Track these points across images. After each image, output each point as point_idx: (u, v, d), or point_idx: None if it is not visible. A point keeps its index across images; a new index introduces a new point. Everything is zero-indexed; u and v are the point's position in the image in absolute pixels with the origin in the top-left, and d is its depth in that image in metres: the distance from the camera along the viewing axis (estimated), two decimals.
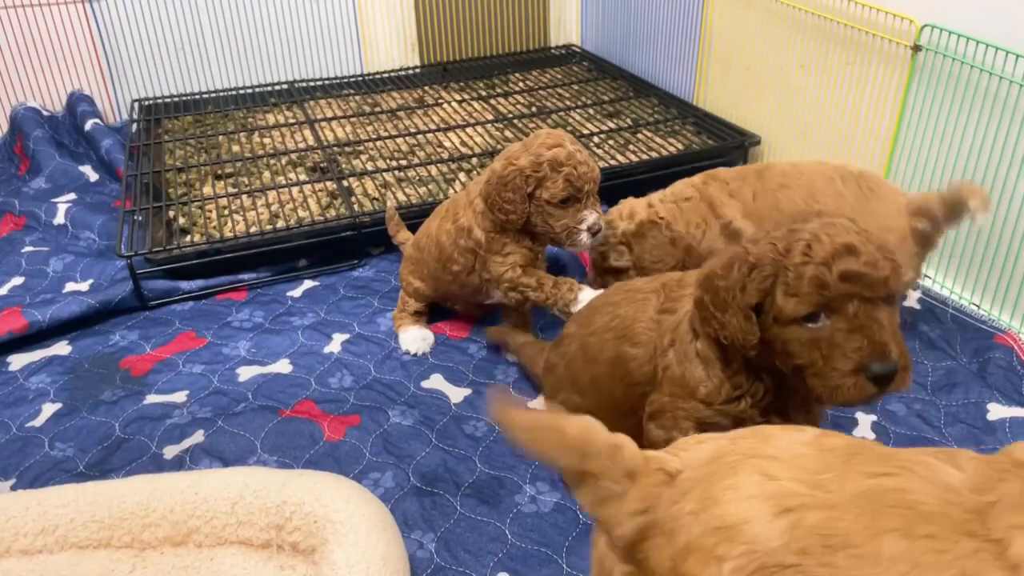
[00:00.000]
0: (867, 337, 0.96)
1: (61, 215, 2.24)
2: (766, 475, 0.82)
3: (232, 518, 1.23)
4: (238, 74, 2.93)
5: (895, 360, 0.96)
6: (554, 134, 1.57)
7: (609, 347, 1.27)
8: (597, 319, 1.31)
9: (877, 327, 0.96)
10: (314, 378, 1.65)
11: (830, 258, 0.97)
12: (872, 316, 0.97)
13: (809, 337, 0.99)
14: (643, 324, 1.22)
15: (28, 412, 1.58)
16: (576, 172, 1.52)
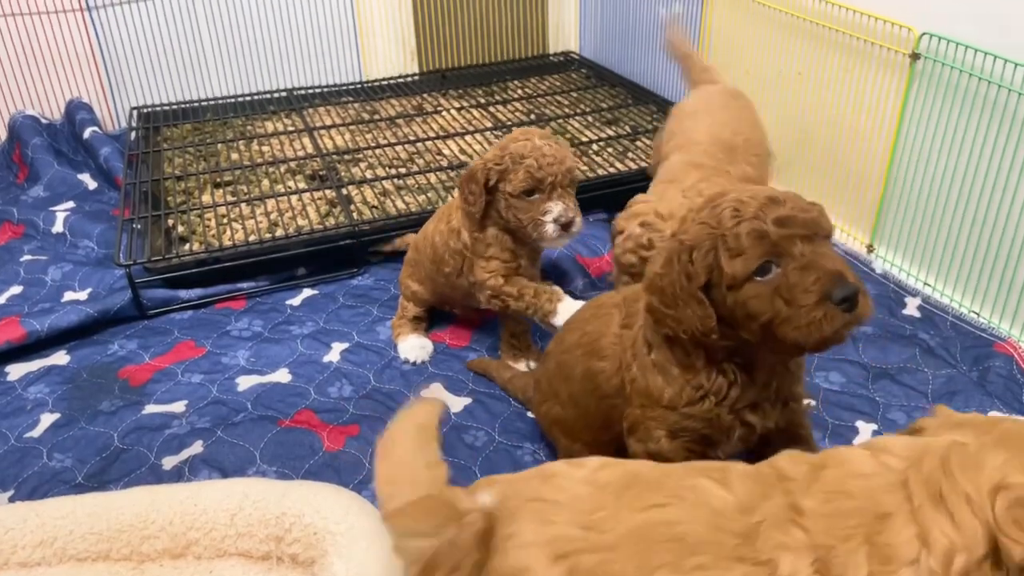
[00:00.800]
0: (820, 269, 0.99)
1: (60, 223, 2.23)
2: (543, 520, 0.84)
3: (231, 530, 1.22)
4: (237, 82, 2.93)
5: (854, 282, 0.99)
6: (527, 130, 1.58)
7: (580, 363, 1.29)
8: (568, 337, 1.34)
9: (827, 259, 1.00)
10: (313, 387, 1.65)
11: (760, 211, 1.00)
12: (818, 252, 1.00)
13: (766, 290, 1.01)
14: (608, 339, 1.24)
15: (26, 422, 1.57)
16: (537, 163, 1.50)
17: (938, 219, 1.82)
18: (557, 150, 1.53)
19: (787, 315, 1.00)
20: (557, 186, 1.52)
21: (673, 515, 0.83)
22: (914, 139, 1.83)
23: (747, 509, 0.82)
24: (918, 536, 0.76)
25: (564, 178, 1.53)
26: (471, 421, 1.55)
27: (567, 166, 1.53)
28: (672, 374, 1.14)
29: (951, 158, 1.76)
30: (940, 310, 1.79)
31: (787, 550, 0.77)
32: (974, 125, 1.69)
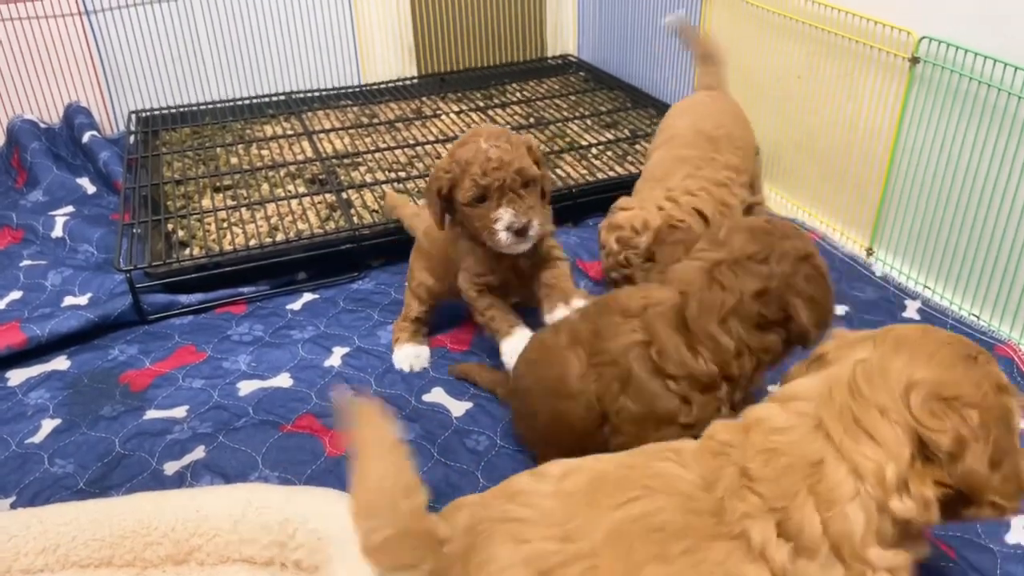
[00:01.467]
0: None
1: (59, 228, 2.23)
2: (517, 540, 0.84)
3: (234, 536, 1.22)
4: (235, 85, 2.93)
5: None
6: (476, 131, 1.48)
7: (544, 405, 1.32)
8: (524, 381, 1.39)
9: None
10: (315, 392, 1.65)
11: None
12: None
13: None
14: (573, 380, 1.27)
15: (27, 428, 1.57)
16: (482, 170, 1.41)
17: (938, 222, 1.83)
18: (504, 152, 1.42)
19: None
20: (507, 191, 1.43)
21: (647, 507, 0.84)
22: (914, 142, 1.84)
23: (709, 485, 0.86)
24: (850, 472, 0.82)
25: (513, 181, 1.43)
26: (473, 425, 1.54)
27: (515, 167, 1.42)
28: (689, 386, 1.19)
29: (951, 161, 1.76)
30: (940, 313, 1.79)
31: (752, 519, 0.82)
32: (974, 128, 1.69)
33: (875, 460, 0.82)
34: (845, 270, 1.98)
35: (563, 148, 2.46)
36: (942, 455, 0.82)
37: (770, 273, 1.18)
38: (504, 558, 0.83)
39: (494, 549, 0.84)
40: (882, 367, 0.86)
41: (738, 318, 1.18)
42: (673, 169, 1.78)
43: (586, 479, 0.89)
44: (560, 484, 0.89)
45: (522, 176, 1.44)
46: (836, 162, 2.07)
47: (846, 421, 0.84)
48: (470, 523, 0.88)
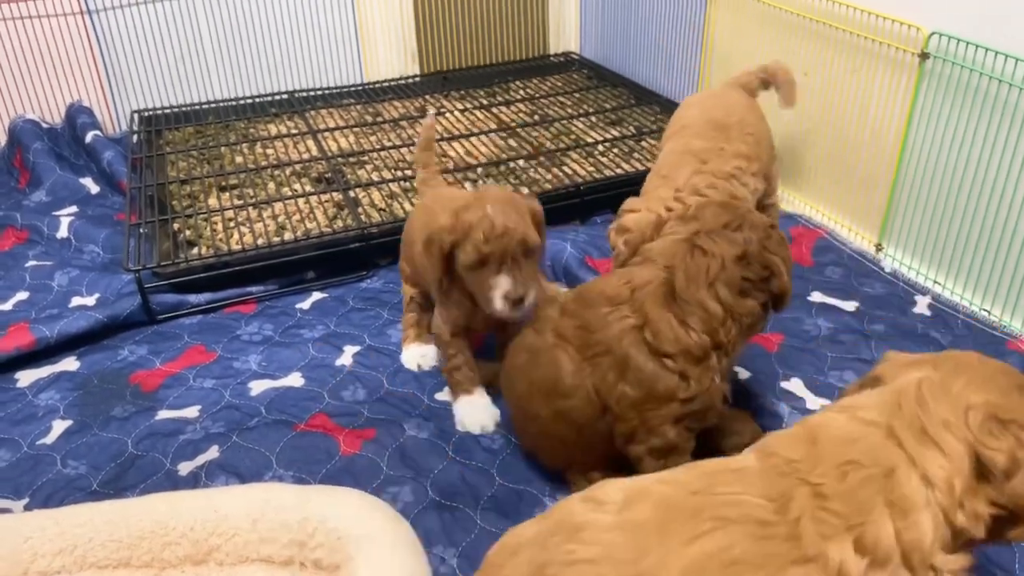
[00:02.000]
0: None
1: (64, 228, 2.22)
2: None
3: (253, 535, 1.22)
4: (238, 84, 2.92)
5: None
6: (483, 194, 1.45)
7: (542, 406, 1.33)
8: (517, 386, 1.38)
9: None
10: (327, 391, 1.64)
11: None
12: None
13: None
14: (568, 378, 1.28)
15: (38, 429, 1.56)
16: (485, 236, 1.38)
17: (948, 218, 1.83)
18: (509, 218, 1.39)
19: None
20: (508, 258, 1.40)
21: (723, 540, 0.82)
22: (923, 138, 1.84)
23: (782, 508, 0.84)
24: (922, 480, 0.84)
25: (516, 249, 1.40)
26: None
27: (518, 238, 1.39)
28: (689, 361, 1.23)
29: (961, 157, 1.76)
30: (951, 309, 1.79)
31: (830, 540, 0.81)
32: (984, 124, 1.69)
33: (944, 469, 0.84)
34: (854, 266, 1.98)
35: (569, 145, 2.45)
36: (997, 473, 0.84)
37: (746, 238, 1.24)
38: None
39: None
40: (944, 385, 0.89)
41: (723, 283, 1.23)
42: (680, 164, 1.76)
43: (651, 508, 0.85)
44: (623, 514, 0.85)
45: (524, 246, 1.41)
46: (845, 158, 2.07)
47: (916, 430, 0.86)
48: (532, 568, 0.85)
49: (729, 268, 1.23)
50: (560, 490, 1.38)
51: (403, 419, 1.56)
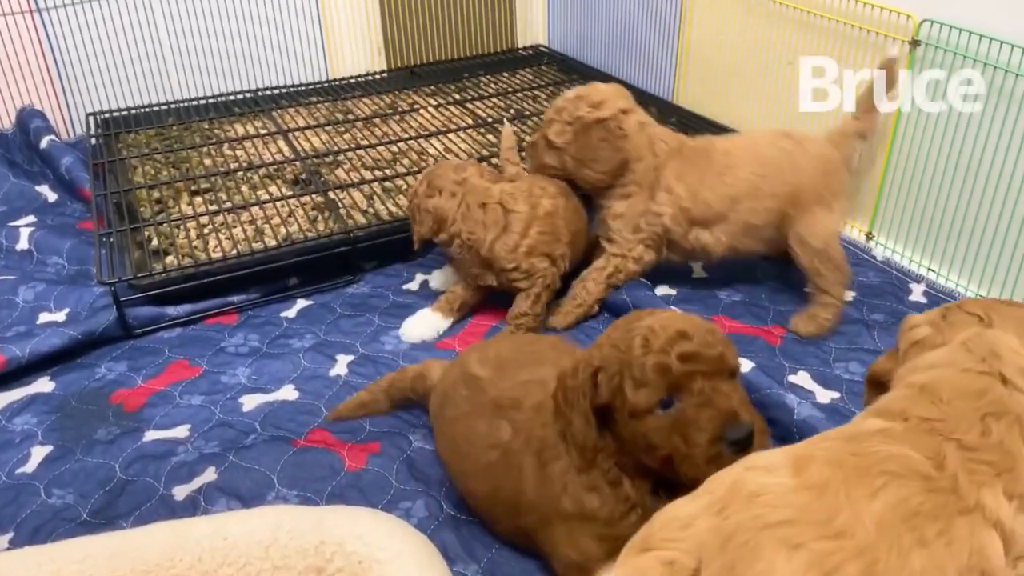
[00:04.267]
0: (716, 407, 1.01)
1: (24, 240, 2.10)
2: (789, 545, 0.79)
3: (267, 563, 1.14)
4: (199, 83, 2.80)
5: (748, 422, 1.02)
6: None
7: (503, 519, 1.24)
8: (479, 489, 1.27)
9: (723, 397, 1.02)
10: (323, 403, 1.57)
11: (667, 345, 1.02)
12: (717, 389, 1.02)
13: (666, 423, 1.03)
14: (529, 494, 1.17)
15: (16, 457, 1.46)
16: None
17: (941, 205, 1.83)
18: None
19: (684, 452, 1.02)
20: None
21: (900, 492, 0.84)
22: (915, 126, 1.84)
23: (939, 464, 0.87)
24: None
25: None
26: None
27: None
28: (604, 492, 1.11)
29: (954, 143, 1.76)
30: (947, 295, 1.80)
31: (984, 487, 0.85)
32: (978, 110, 1.69)
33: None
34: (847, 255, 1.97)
35: None
36: None
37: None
38: (785, 567, 0.77)
39: (769, 559, 0.78)
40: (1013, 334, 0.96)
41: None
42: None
43: (823, 468, 0.86)
44: (800, 477, 0.85)
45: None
46: None
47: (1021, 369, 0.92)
48: (718, 538, 0.81)
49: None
50: None
51: (407, 430, 1.50)
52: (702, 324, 1.06)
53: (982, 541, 0.84)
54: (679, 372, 1.02)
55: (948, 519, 0.83)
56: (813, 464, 0.86)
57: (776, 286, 1.88)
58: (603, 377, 1.07)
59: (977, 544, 0.83)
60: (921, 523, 0.82)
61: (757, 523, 0.80)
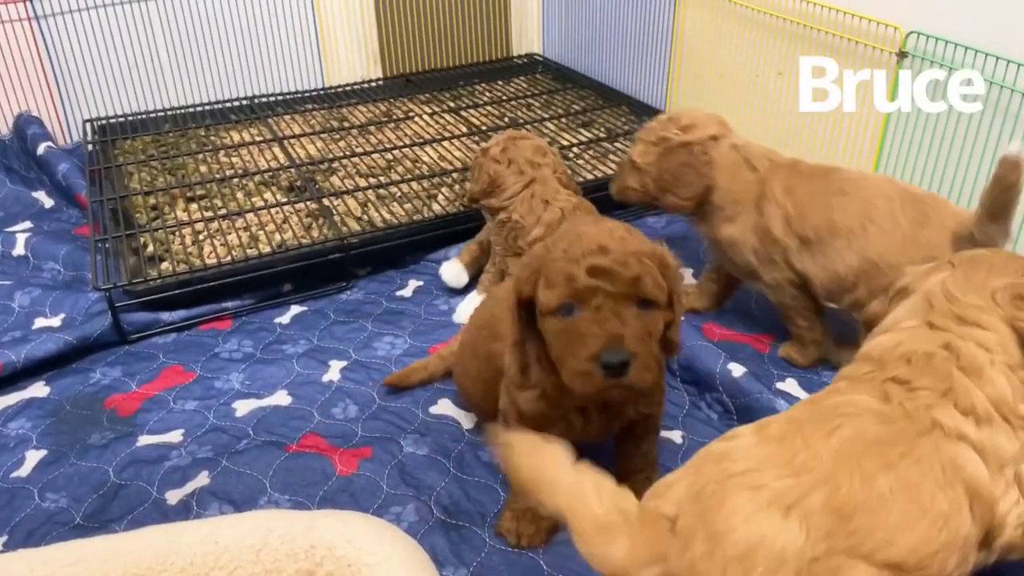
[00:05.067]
0: (603, 328, 1.03)
1: (20, 246, 2.12)
2: (751, 488, 0.85)
3: (258, 567, 1.16)
4: (195, 90, 2.82)
5: (626, 352, 1.03)
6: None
7: (483, 345, 1.35)
8: (477, 319, 1.42)
9: (615, 321, 1.04)
10: (316, 409, 1.59)
11: (582, 256, 1.05)
12: (615, 311, 1.04)
13: (562, 328, 1.07)
14: (506, 323, 1.26)
15: (11, 461, 1.48)
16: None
17: None
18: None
19: (564, 360, 1.07)
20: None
21: (854, 427, 0.92)
22: (902, 137, 1.86)
23: (885, 399, 0.97)
24: (977, 345, 0.99)
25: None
26: (485, 438, 1.51)
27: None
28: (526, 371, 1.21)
29: (942, 154, 1.79)
30: None
31: (934, 408, 0.94)
32: (964, 120, 1.72)
33: (992, 338, 0.99)
34: None
35: None
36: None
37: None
38: (746, 506, 0.83)
39: (733, 502, 0.84)
40: (967, 278, 1.03)
41: None
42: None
43: (782, 425, 0.94)
44: (760, 434, 0.92)
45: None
46: (820, 157, 2.08)
47: (953, 318, 1.01)
48: (691, 493, 0.88)
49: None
50: None
51: (399, 435, 1.51)
52: (631, 245, 1.07)
53: (951, 454, 0.91)
54: (583, 284, 1.04)
55: (909, 442, 0.91)
56: (772, 424, 0.95)
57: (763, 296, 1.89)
58: (525, 273, 1.12)
59: (947, 457, 0.91)
60: (882, 450, 0.89)
61: (722, 475, 0.87)
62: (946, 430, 0.93)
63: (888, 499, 0.86)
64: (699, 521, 0.84)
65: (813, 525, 0.82)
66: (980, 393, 0.95)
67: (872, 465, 0.88)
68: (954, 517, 0.89)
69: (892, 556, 0.85)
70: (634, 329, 1.04)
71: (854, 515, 0.84)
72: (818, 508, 0.83)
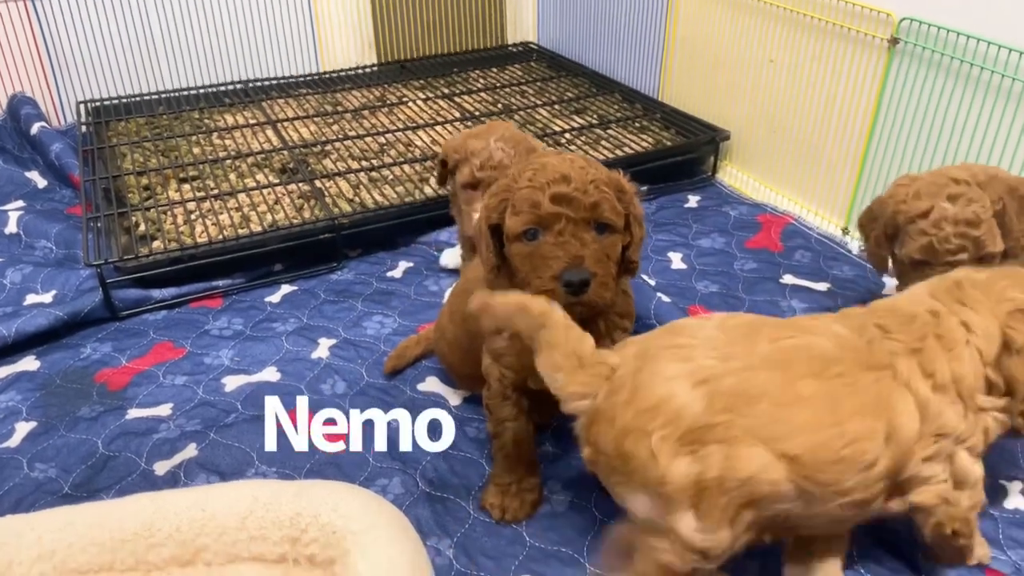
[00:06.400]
0: (565, 250, 1.10)
1: (12, 224, 2.12)
2: (682, 359, 0.99)
3: (243, 534, 1.17)
4: (190, 74, 2.83)
5: (586, 271, 1.10)
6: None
7: (458, 307, 1.38)
8: (459, 283, 1.47)
9: (576, 244, 1.11)
10: (304, 385, 1.60)
11: (546, 184, 1.11)
12: (576, 235, 1.11)
13: (527, 251, 1.14)
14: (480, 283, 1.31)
15: (1, 432, 1.49)
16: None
17: None
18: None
19: (529, 280, 1.14)
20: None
21: (807, 340, 1.01)
22: (893, 122, 1.87)
23: (858, 331, 1.04)
24: (960, 323, 1.05)
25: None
26: (473, 413, 1.52)
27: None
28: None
29: (932, 140, 1.80)
30: None
31: (898, 356, 1.02)
32: (955, 106, 1.73)
33: (980, 323, 1.05)
34: (822, 249, 2.01)
35: (535, 135, 2.44)
36: (1015, 348, 1.04)
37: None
38: (669, 371, 0.98)
39: (661, 365, 0.99)
40: (988, 281, 1.09)
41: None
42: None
43: (747, 322, 1.05)
44: (723, 322, 1.04)
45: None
46: (812, 144, 2.10)
47: (954, 298, 1.08)
48: (639, 351, 1.03)
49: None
50: (551, 478, 1.37)
51: (386, 410, 1.52)
52: (590, 174, 1.12)
53: (889, 392, 0.99)
54: (547, 211, 1.11)
55: (852, 367, 0.99)
56: (742, 318, 1.07)
57: (751, 279, 1.91)
58: (494, 201, 1.18)
59: (884, 392, 0.99)
60: (821, 363, 0.99)
61: (667, 343, 1.02)
62: (898, 375, 1.00)
63: (803, 401, 0.96)
64: (631, 374, 1.00)
65: (715, 400, 0.95)
66: (946, 364, 1.02)
67: (802, 370, 0.98)
68: (864, 441, 0.97)
69: (789, 449, 0.94)
70: (593, 251, 1.11)
71: (760, 402, 0.95)
72: (725, 389, 0.96)
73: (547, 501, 1.33)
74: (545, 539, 1.26)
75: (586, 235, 1.12)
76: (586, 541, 1.26)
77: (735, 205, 2.23)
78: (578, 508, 1.31)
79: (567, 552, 1.24)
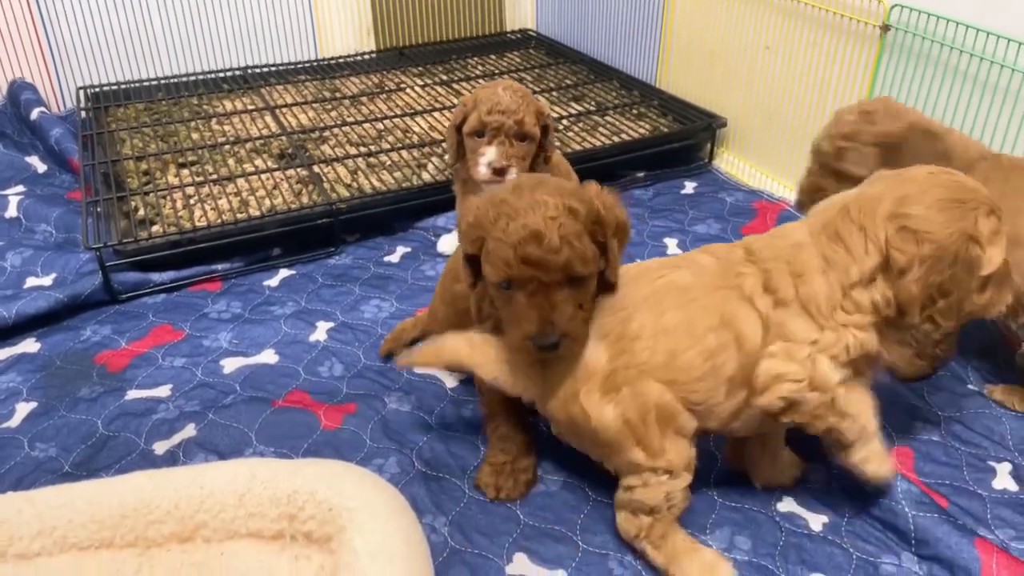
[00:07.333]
0: (536, 311, 1.11)
1: (13, 208, 2.13)
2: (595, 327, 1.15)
3: (241, 510, 1.19)
4: (189, 60, 2.84)
5: (556, 335, 1.11)
6: (500, 81, 1.76)
7: (448, 286, 1.42)
8: (449, 263, 1.47)
9: (545, 307, 1.11)
10: (302, 367, 1.61)
11: (517, 243, 1.08)
12: (547, 296, 1.11)
13: (503, 297, 1.15)
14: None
15: (1, 413, 1.50)
16: (488, 109, 1.66)
17: None
18: (513, 102, 1.66)
19: (506, 328, 1.16)
20: (501, 133, 1.66)
21: (674, 277, 1.15)
22: None
23: (723, 261, 1.16)
24: (821, 257, 1.11)
25: (510, 128, 1.66)
26: (468, 395, 1.54)
27: (515, 119, 1.66)
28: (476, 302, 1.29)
29: None
30: None
31: (746, 275, 1.13)
32: (945, 94, 1.74)
33: (844, 258, 1.10)
34: None
35: None
36: (896, 268, 1.07)
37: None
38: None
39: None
40: (878, 197, 1.11)
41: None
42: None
43: (639, 270, 1.19)
44: (624, 273, 1.18)
45: (518, 127, 1.67)
46: (807, 130, 2.11)
47: (829, 232, 1.12)
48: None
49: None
50: (545, 458, 1.38)
51: (383, 393, 1.54)
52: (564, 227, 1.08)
53: (734, 309, 1.11)
54: (517, 272, 1.10)
55: (705, 292, 1.13)
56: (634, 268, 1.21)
57: None
58: (470, 238, 1.16)
59: (729, 311, 1.11)
60: (682, 294, 1.13)
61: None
62: (742, 292, 1.12)
63: (669, 331, 1.11)
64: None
65: (610, 348, 1.12)
66: (791, 286, 1.10)
67: (669, 304, 1.12)
68: (719, 354, 1.11)
69: (667, 375, 1.11)
70: (564, 311, 1.11)
71: (638, 341, 1.11)
72: (614, 337, 1.12)
73: (541, 481, 1.35)
74: (539, 517, 1.28)
75: (557, 295, 1.10)
76: (579, 520, 1.27)
77: (731, 191, 2.24)
78: (571, 488, 1.33)
79: (560, 530, 1.26)
